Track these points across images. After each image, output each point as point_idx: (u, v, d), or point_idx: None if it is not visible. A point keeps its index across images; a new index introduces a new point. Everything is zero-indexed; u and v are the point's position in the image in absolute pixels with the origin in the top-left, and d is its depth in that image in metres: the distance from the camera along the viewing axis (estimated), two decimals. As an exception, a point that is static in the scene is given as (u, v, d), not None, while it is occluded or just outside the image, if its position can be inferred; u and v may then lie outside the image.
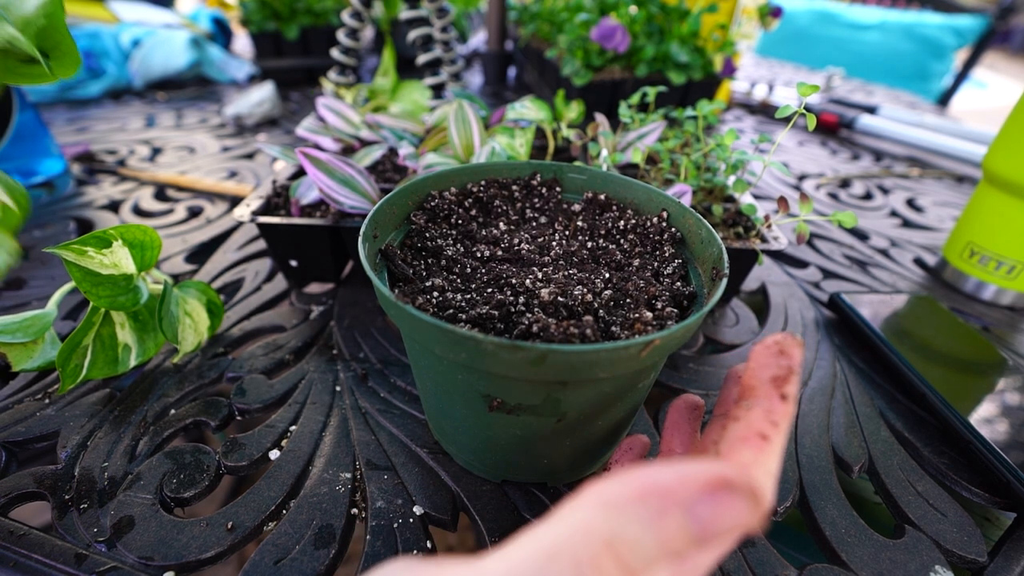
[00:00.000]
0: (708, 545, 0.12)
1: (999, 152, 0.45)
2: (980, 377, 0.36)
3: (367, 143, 0.52)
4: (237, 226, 0.54)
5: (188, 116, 0.86)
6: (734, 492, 0.12)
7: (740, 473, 0.13)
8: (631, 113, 0.46)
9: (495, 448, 0.26)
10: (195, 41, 0.99)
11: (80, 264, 0.28)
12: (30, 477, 0.28)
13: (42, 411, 0.32)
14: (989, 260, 0.46)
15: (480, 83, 1.10)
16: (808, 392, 0.36)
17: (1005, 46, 4.75)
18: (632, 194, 0.32)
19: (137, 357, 0.33)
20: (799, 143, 0.88)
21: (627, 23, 0.68)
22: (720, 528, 0.12)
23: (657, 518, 0.12)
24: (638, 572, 0.12)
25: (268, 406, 0.33)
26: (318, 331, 0.39)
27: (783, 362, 0.15)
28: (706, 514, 0.12)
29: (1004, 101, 2.94)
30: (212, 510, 0.27)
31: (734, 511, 0.12)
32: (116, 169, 0.65)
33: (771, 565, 0.25)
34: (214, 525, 0.26)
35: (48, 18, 0.23)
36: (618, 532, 0.12)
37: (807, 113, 0.34)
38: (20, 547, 0.24)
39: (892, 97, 1.25)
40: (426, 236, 0.29)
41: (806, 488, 0.29)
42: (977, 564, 0.26)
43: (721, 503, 0.12)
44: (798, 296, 0.47)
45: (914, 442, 0.33)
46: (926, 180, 0.77)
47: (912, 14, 2.13)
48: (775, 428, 0.15)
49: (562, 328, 0.21)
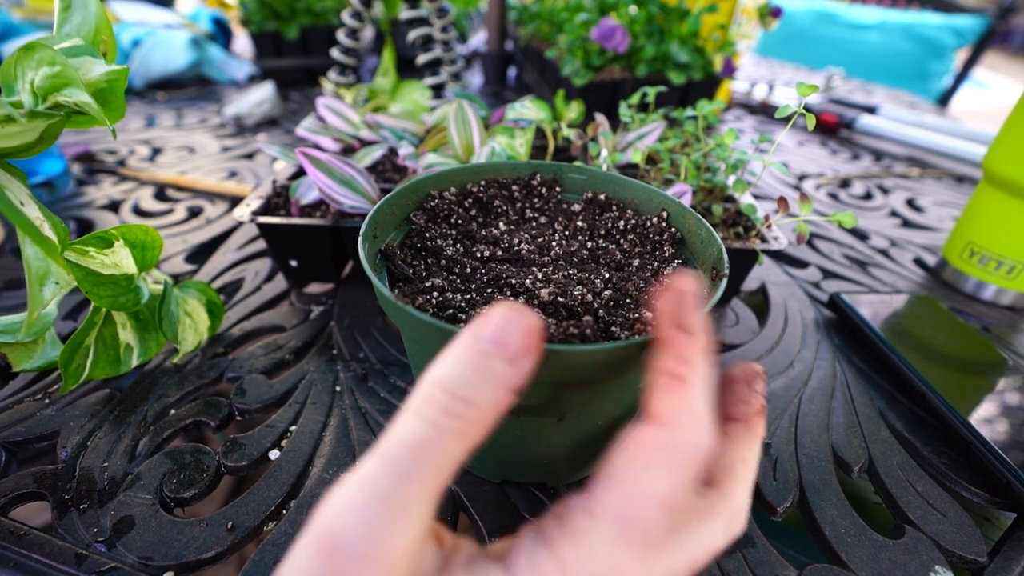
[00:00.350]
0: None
1: (999, 152, 0.45)
2: (980, 377, 0.36)
3: (367, 143, 0.52)
4: (237, 226, 0.54)
5: (188, 116, 0.86)
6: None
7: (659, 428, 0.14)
8: (631, 113, 0.46)
9: (495, 448, 0.26)
10: (195, 41, 0.99)
11: (81, 264, 0.28)
12: (30, 477, 0.28)
13: (42, 411, 0.32)
14: (989, 260, 0.46)
15: (480, 83, 1.10)
16: (808, 392, 0.36)
17: (1005, 46, 4.75)
18: (632, 194, 0.32)
19: (139, 357, 0.33)
20: (799, 143, 0.88)
21: (627, 23, 0.68)
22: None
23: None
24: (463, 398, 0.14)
25: (268, 406, 0.33)
26: (318, 331, 0.39)
27: (675, 299, 0.16)
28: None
29: (1004, 101, 2.94)
30: (212, 510, 0.27)
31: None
32: (116, 169, 0.65)
33: (771, 565, 0.25)
34: (214, 525, 0.26)
35: (109, 83, 0.26)
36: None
37: (807, 113, 0.34)
38: (20, 547, 0.24)
39: (892, 97, 1.25)
40: (426, 236, 0.29)
41: (806, 488, 0.29)
42: (977, 564, 0.26)
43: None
44: (798, 296, 0.47)
45: (914, 442, 0.33)
46: (926, 180, 0.77)
47: (912, 14, 2.13)
48: (686, 364, 0.15)
49: (562, 328, 0.21)
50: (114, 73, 0.26)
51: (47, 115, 0.24)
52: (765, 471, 0.30)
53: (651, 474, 0.14)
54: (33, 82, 0.25)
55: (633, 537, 0.14)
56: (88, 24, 0.28)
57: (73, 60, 0.26)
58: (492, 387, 0.14)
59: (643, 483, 0.14)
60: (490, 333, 0.15)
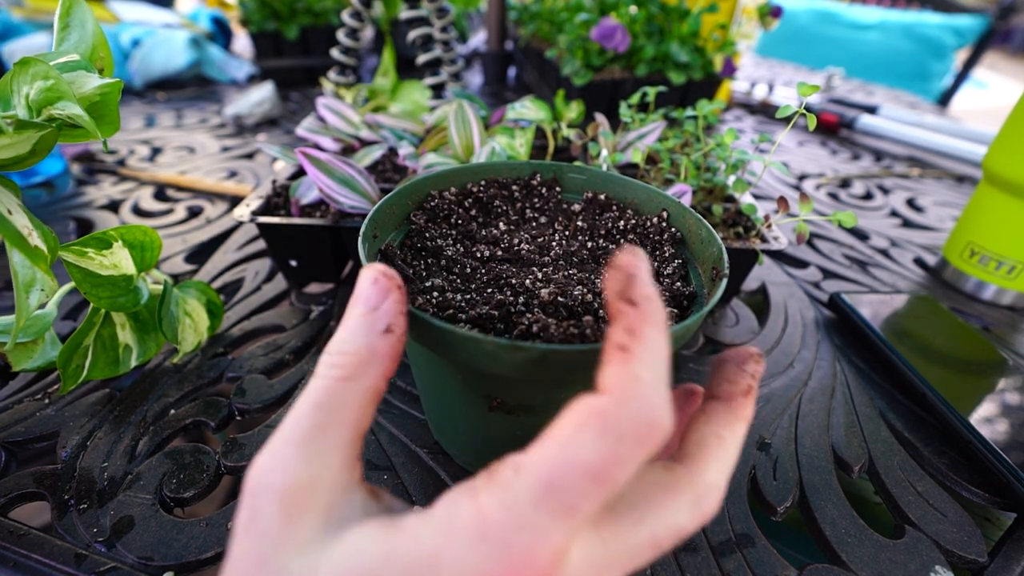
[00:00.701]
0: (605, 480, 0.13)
1: (999, 152, 0.45)
2: (980, 377, 0.36)
3: (367, 143, 0.52)
4: (237, 226, 0.54)
5: (188, 116, 0.86)
6: (588, 440, 0.13)
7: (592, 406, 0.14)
8: (631, 113, 0.46)
9: (495, 448, 0.26)
10: (195, 41, 0.99)
11: (80, 265, 0.28)
12: (30, 477, 0.28)
13: (42, 411, 0.32)
14: (989, 260, 0.46)
15: (480, 83, 1.10)
16: (808, 392, 0.36)
17: (1005, 46, 4.75)
18: (632, 194, 0.32)
19: (138, 357, 0.33)
20: (799, 143, 0.88)
21: (627, 23, 0.68)
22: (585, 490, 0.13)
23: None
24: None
25: (268, 406, 0.33)
26: (318, 331, 0.39)
27: (619, 275, 0.15)
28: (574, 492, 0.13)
29: (1004, 101, 2.94)
30: (212, 510, 0.27)
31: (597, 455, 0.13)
32: (116, 169, 0.65)
33: (771, 565, 0.25)
34: (214, 525, 0.26)
35: (103, 96, 0.27)
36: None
37: (807, 113, 0.34)
38: (20, 547, 0.24)
39: (892, 97, 1.25)
40: (426, 236, 0.29)
41: (806, 488, 0.29)
42: (977, 564, 0.26)
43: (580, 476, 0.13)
44: (798, 296, 0.47)
45: (914, 442, 0.33)
46: (926, 180, 0.77)
47: (912, 14, 2.14)
48: (631, 335, 0.14)
49: (562, 328, 0.21)
50: (108, 87, 0.27)
51: (37, 126, 0.24)
52: (765, 471, 0.30)
53: (583, 440, 0.13)
54: (28, 96, 0.25)
55: (556, 501, 0.13)
56: (85, 42, 0.29)
57: (68, 75, 0.27)
58: (362, 334, 0.17)
59: (573, 448, 0.13)
60: (354, 295, 0.18)
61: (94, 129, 0.25)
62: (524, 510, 0.13)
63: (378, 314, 0.17)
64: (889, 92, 1.32)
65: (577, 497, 0.13)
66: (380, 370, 0.17)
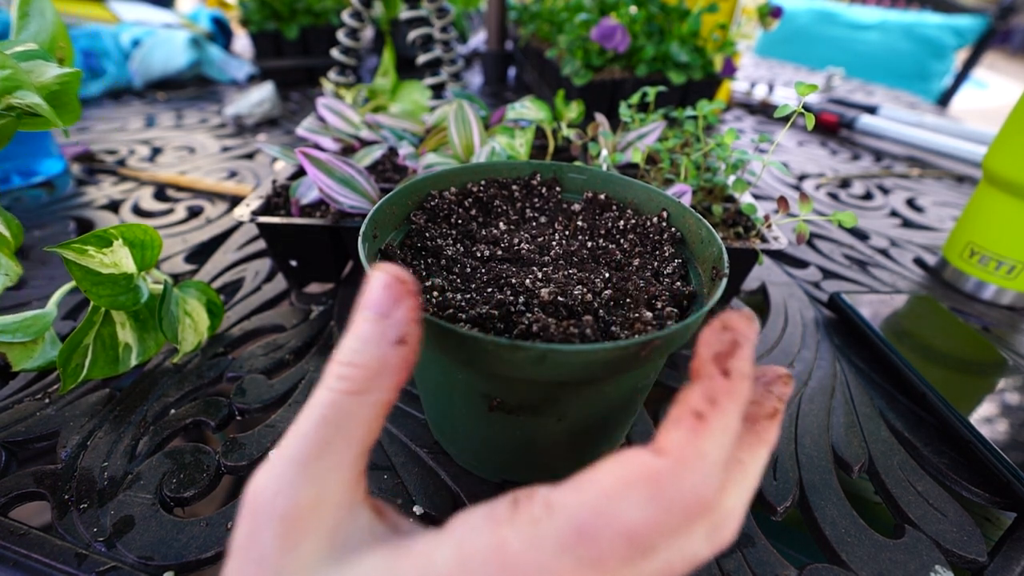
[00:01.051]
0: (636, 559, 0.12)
1: (999, 152, 0.45)
2: (980, 377, 0.36)
3: (367, 143, 0.52)
4: (237, 226, 0.54)
5: (188, 116, 0.86)
6: (630, 507, 0.12)
7: (651, 467, 0.13)
8: (631, 113, 0.46)
9: (495, 448, 0.26)
10: (195, 41, 0.99)
11: (80, 263, 0.28)
12: (30, 477, 0.28)
13: (42, 411, 0.32)
14: (989, 260, 0.46)
15: (480, 83, 1.10)
16: (808, 392, 0.36)
17: (1005, 46, 4.75)
18: (632, 194, 0.32)
19: (138, 357, 0.33)
20: (799, 143, 0.88)
21: (627, 23, 0.68)
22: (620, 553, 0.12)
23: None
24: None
25: (268, 406, 0.33)
26: (318, 331, 0.39)
27: (725, 337, 0.14)
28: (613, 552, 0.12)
29: (1004, 101, 2.94)
30: (212, 510, 0.27)
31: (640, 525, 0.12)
32: (116, 169, 0.65)
33: (771, 565, 0.25)
34: (214, 525, 0.26)
35: (62, 85, 0.27)
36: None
37: (806, 112, 0.34)
38: (20, 547, 0.24)
39: (892, 97, 1.25)
40: (426, 236, 0.29)
41: (806, 488, 0.29)
42: (977, 564, 0.26)
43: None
44: (798, 296, 0.47)
45: (914, 442, 0.33)
46: (926, 180, 0.77)
47: (912, 14, 2.14)
48: (713, 406, 0.14)
49: (562, 328, 0.21)
50: (67, 76, 0.26)
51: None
52: (765, 471, 0.30)
53: (630, 498, 0.12)
54: None
55: (585, 552, 0.12)
56: (45, 31, 0.29)
57: (25, 64, 0.26)
58: (373, 344, 0.15)
59: (616, 503, 0.12)
60: (364, 300, 0.16)
61: (54, 117, 0.25)
62: (550, 553, 0.12)
63: (390, 323, 0.16)
64: (889, 92, 1.32)
65: (608, 553, 0.12)
66: (391, 383, 0.15)
